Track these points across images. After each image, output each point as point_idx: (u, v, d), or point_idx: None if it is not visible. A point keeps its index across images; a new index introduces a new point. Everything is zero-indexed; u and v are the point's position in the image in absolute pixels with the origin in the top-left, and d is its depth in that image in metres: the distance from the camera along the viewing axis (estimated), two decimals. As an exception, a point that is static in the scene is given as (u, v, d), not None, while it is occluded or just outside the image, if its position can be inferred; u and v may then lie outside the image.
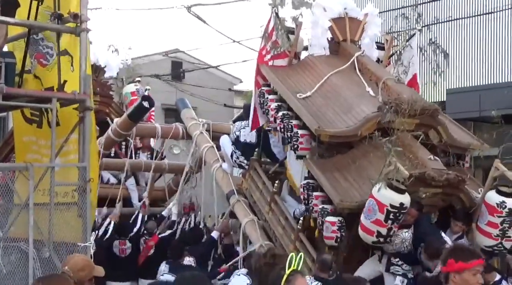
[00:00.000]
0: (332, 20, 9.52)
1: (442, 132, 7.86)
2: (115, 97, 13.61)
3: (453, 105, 13.90)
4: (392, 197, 6.78)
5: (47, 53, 7.62)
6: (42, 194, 7.08)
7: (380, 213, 6.83)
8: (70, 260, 5.15)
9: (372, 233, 6.97)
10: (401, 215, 6.90)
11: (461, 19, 14.57)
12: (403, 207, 6.84)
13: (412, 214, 7.15)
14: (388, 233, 6.97)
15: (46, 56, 7.62)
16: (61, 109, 7.34)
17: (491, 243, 7.32)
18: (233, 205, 9.64)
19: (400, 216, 6.90)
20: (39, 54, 7.67)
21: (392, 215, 6.83)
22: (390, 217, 6.84)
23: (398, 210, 6.82)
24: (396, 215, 6.86)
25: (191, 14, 17.41)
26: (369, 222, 6.94)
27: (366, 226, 7.00)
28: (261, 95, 9.20)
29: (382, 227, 6.90)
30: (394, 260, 7.31)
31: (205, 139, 10.82)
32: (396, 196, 6.79)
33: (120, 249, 10.36)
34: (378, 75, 8.71)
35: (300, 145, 8.14)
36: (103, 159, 11.36)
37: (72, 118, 7.37)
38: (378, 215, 6.85)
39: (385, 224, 6.89)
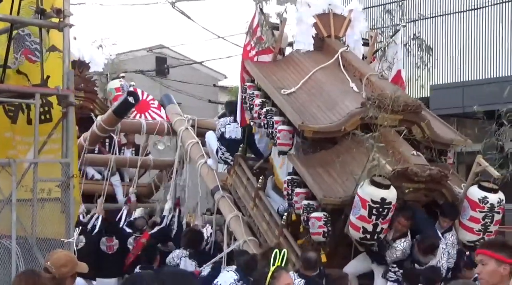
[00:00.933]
0: (316, 16, 9.53)
1: (425, 128, 7.90)
2: (99, 93, 13.58)
3: (436, 101, 13.99)
4: (372, 192, 6.80)
5: (35, 49, 7.58)
6: (25, 190, 7.05)
7: (363, 209, 6.85)
8: (53, 256, 5.12)
9: (358, 229, 7.00)
10: (386, 210, 6.91)
11: (444, 15, 14.65)
12: (385, 202, 6.84)
13: (402, 224, 7.19)
14: (374, 229, 6.98)
15: (35, 52, 7.58)
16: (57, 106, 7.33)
17: (473, 238, 7.36)
18: (218, 201, 9.64)
19: (385, 212, 6.91)
20: (27, 50, 7.63)
21: (375, 210, 6.85)
22: (373, 212, 6.85)
23: (380, 205, 6.83)
24: (379, 211, 6.87)
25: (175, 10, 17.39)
26: (355, 218, 6.97)
27: (353, 222, 7.03)
28: (244, 90, 9.21)
29: (366, 223, 6.92)
30: (392, 266, 7.34)
31: (190, 135, 10.82)
32: (377, 191, 6.80)
33: (108, 246, 10.35)
34: (362, 71, 8.73)
35: (277, 140, 8.16)
36: (88, 155, 11.35)
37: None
38: (361, 211, 6.88)
39: (369, 220, 6.91)
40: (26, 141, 7.52)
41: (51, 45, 7.40)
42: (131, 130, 12.34)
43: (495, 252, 3.99)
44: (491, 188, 7.22)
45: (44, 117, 7.66)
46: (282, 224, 8.26)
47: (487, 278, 4.00)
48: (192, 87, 23.15)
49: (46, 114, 7.59)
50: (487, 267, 3.99)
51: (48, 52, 7.36)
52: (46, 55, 7.39)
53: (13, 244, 6.73)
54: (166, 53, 25.33)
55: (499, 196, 7.24)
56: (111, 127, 11.02)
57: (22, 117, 7.70)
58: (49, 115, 7.40)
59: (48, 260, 5.07)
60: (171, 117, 11.53)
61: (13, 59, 7.61)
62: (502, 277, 3.97)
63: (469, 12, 14.29)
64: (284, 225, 8.23)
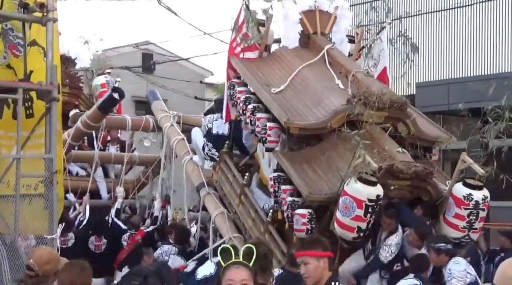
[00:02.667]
0: (302, 12, 9.52)
1: (410, 125, 7.90)
2: (84, 89, 13.49)
3: (422, 98, 14.02)
4: (367, 191, 6.82)
5: (18, 44, 7.51)
6: (7, 187, 6.98)
7: (359, 209, 6.85)
8: (35, 253, 5.06)
9: (353, 230, 6.99)
10: (378, 206, 6.95)
11: (430, 13, 14.68)
12: (379, 198, 6.89)
13: (387, 223, 7.23)
14: (367, 226, 7.02)
15: (18, 47, 7.52)
16: (37, 100, 7.26)
17: (458, 235, 7.38)
18: (204, 198, 9.61)
19: (377, 208, 6.96)
20: (11, 44, 7.56)
21: (371, 208, 6.88)
22: (369, 210, 6.88)
23: (375, 202, 6.88)
24: (374, 208, 6.91)
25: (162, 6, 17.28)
26: (349, 219, 6.94)
27: (345, 223, 7.00)
28: (230, 87, 9.18)
29: (362, 222, 6.94)
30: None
31: (176, 132, 10.78)
32: (371, 189, 6.83)
33: (96, 245, 10.31)
34: (348, 68, 8.73)
35: (268, 138, 8.13)
36: (72, 151, 11.27)
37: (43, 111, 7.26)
38: (357, 212, 6.86)
39: (365, 219, 6.93)
40: (11, 136, 7.43)
41: (32, 40, 7.33)
42: (116, 126, 12.27)
43: (312, 250, 4.42)
44: (476, 185, 7.25)
45: (28, 112, 7.60)
46: (267, 221, 8.24)
47: (313, 274, 4.41)
48: (178, 84, 23.08)
49: (30, 109, 7.52)
50: (310, 266, 4.40)
51: (29, 47, 7.29)
52: (28, 49, 7.32)
53: (-5, 241, 6.66)
54: (152, 49, 25.23)
55: (483, 193, 7.26)
56: (96, 123, 10.95)
57: (7, 112, 7.63)
58: (31, 110, 7.33)
59: (30, 258, 5.01)
60: (156, 113, 11.47)
61: (3, 53, 7.55)
62: (323, 269, 4.43)
63: (454, 10, 14.33)
64: (269, 222, 8.21)
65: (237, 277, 3.49)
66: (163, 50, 25.06)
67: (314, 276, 4.40)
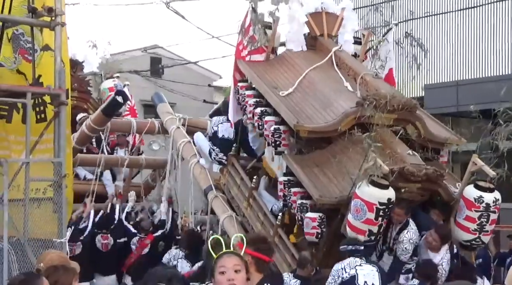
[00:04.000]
0: (309, 14, 9.49)
1: (420, 127, 7.87)
2: (93, 92, 13.51)
3: (431, 100, 13.97)
4: (379, 194, 6.79)
5: (29, 49, 7.54)
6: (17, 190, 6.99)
7: (370, 213, 6.82)
8: (45, 257, 5.05)
9: (364, 233, 6.96)
10: (389, 210, 6.93)
11: (439, 14, 14.64)
12: (390, 202, 6.87)
13: (398, 214, 7.16)
14: (378, 230, 6.99)
15: (30, 51, 7.53)
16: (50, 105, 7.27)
17: (469, 238, 7.34)
18: (211, 201, 9.58)
19: (388, 211, 6.93)
20: (23, 49, 7.58)
21: (382, 212, 6.85)
22: (380, 214, 6.85)
23: (386, 206, 6.85)
24: (385, 211, 6.89)
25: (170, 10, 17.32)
26: (360, 223, 6.92)
27: (357, 226, 6.97)
28: (237, 91, 9.16)
29: (373, 225, 6.91)
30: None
31: (182, 134, 10.74)
32: (382, 193, 6.80)
33: (103, 243, 10.31)
34: (356, 70, 8.70)
35: (282, 142, 8.10)
36: (79, 154, 11.27)
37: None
38: (368, 215, 6.83)
39: (376, 222, 6.90)
40: (20, 141, 7.45)
41: (45, 45, 7.35)
42: (121, 130, 12.26)
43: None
44: (487, 187, 7.20)
45: (39, 116, 7.61)
46: (276, 224, 8.21)
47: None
48: (187, 87, 23.09)
49: (42, 114, 7.54)
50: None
51: (42, 51, 7.31)
52: (40, 54, 7.34)
53: (4, 244, 6.67)
54: (160, 53, 25.26)
55: (494, 196, 7.21)
56: (101, 127, 10.91)
57: (17, 117, 7.65)
58: (44, 114, 7.34)
59: (41, 261, 5.01)
60: (161, 116, 11.44)
61: (13, 58, 7.57)
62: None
63: (463, 11, 14.29)
64: (279, 225, 8.18)
65: (229, 264, 3.62)
66: (172, 54, 25.10)
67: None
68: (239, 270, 3.62)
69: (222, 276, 3.61)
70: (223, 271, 3.61)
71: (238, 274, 3.61)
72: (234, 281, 3.59)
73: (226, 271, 3.61)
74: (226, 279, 3.59)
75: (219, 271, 3.62)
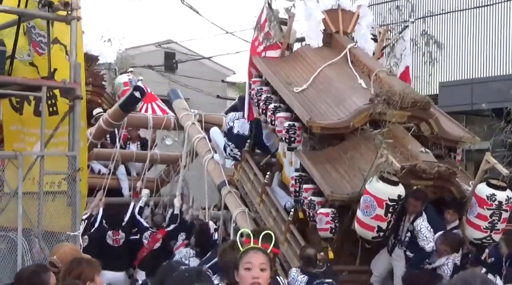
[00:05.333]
0: (325, 11, 9.49)
1: (433, 125, 7.86)
2: (107, 87, 13.57)
3: (445, 98, 13.92)
4: (389, 190, 6.79)
5: (40, 42, 7.57)
6: (32, 183, 7.04)
7: (379, 209, 6.83)
8: (59, 250, 5.11)
9: (373, 229, 6.97)
10: (398, 206, 6.92)
11: (454, 12, 14.57)
12: (400, 198, 6.87)
13: (413, 204, 7.10)
14: (387, 226, 6.99)
15: (41, 45, 7.57)
16: (61, 98, 7.31)
17: (480, 236, 7.33)
18: (225, 196, 9.62)
19: (397, 208, 6.92)
20: (34, 42, 7.62)
21: (391, 208, 6.86)
22: (390, 210, 6.86)
23: (396, 202, 6.85)
24: (394, 208, 6.89)
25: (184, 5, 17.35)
26: (369, 219, 6.93)
27: (366, 222, 6.98)
28: (251, 86, 9.18)
29: (382, 221, 6.92)
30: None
31: (197, 130, 10.78)
32: (392, 189, 6.80)
33: (114, 239, 10.37)
34: (371, 67, 8.69)
35: (297, 138, 8.10)
36: (95, 149, 11.35)
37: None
38: (377, 211, 6.84)
39: (385, 218, 6.91)
40: (33, 133, 7.50)
41: (54, 38, 7.38)
42: (138, 125, 12.32)
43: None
44: (499, 185, 7.19)
45: (52, 109, 7.66)
46: (289, 220, 8.23)
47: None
48: (201, 83, 23.10)
49: (53, 107, 7.59)
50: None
51: (51, 45, 7.34)
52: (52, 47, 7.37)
53: (19, 237, 6.72)
54: (174, 48, 25.28)
55: (507, 194, 7.20)
56: (118, 122, 10.99)
57: (28, 109, 7.70)
58: (56, 107, 7.39)
59: (54, 254, 5.06)
60: (177, 112, 11.50)
61: (27, 51, 7.62)
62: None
63: (478, 9, 14.22)
64: (291, 221, 8.20)
65: (256, 261, 3.54)
66: (186, 49, 25.10)
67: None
68: (265, 269, 3.54)
69: (247, 273, 3.52)
70: (249, 267, 3.53)
71: (263, 272, 3.53)
72: (258, 280, 3.51)
73: (252, 268, 3.52)
74: (251, 277, 3.51)
75: (245, 267, 3.53)
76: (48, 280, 4.22)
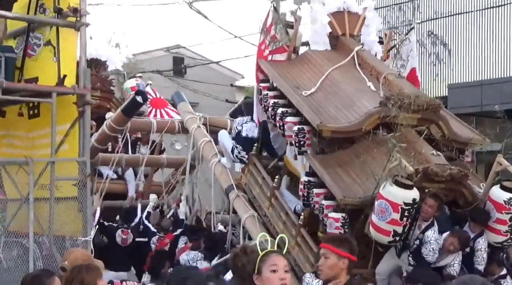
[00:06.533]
0: (331, 14, 9.47)
1: (444, 127, 7.83)
2: (116, 92, 13.59)
3: (455, 100, 13.87)
4: (403, 194, 6.74)
5: (35, 44, 7.59)
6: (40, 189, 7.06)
7: (395, 213, 6.77)
8: (70, 255, 5.12)
9: (389, 233, 6.92)
10: (414, 210, 6.89)
11: (463, 13, 14.53)
12: (415, 202, 6.83)
13: (430, 204, 7.04)
14: (403, 230, 6.96)
15: (34, 47, 7.59)
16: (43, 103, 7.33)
17: (501, 240, 7.32)
18: (233, 200, 9.59)
19: (413, 211, 6.90)
20: (28, 45, 7.63)
21: (407, 212, 6.81)
22: (405, 214, 6.81)
23: (411, 206, 6.81)
24: (410, 212, 6.85)
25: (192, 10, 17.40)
26: (384, 223, 6.88)
27: (381, 227, 6.93)
28: (259, 91, 9.17)
29: (398, 225, 6.87)
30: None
31: (203, 133, 10.76)
32: (407, 193, 6.76)
33: (123, 238, 10.39)
34: (379, 70, 8.66)
35: (306, 141, 8.09)
36: (100, 154, 11.34)
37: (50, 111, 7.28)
38: (393, 215, 6.79)
39: (401, 222, 6.86)
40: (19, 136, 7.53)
41: (48, 40, 7.41)
42: (141, 129, 12.33)
43: (336, 247, 4.35)
44: (513, 187, 7.14)
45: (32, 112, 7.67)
46: (299, 223, 8.21)
47: (327, 271, 4.35)
48: (209, 87, 23.15)
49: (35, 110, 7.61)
50: (328, 261, 4.34)
51: (44, 46, 7.39)
52: (42, 49, 7.42)
53: (30, 242, 6.75)
54: (183, 53, 25.34)
55: (523, 195, 7.15)
56: (121, 127, 10.97)
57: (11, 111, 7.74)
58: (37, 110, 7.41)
59: (65, 259, 5.07)
60: (182, 115, 11.47)
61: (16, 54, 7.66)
62: (341, 270, 4.34)
63: (487, 10, 14.17)
64: (301, 225, 8.18)
65: (281, 263, 3.69)
66: (194, 54, 25.17)
67: (328, 272, 4.39)
68: (288, 271, 3.69)
69: (274, 274, 3.65)
70: (275, 269, 3.67)
71: (287, 274, 3.68)
72: (285, 281, 3.66)
73: (278, 270, 3.66)
74: (278, 278, 3.65)
75: (271, 269, 3.67)
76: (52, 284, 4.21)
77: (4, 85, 6.82)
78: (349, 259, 4.37)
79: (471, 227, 7.43)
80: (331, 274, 4.37)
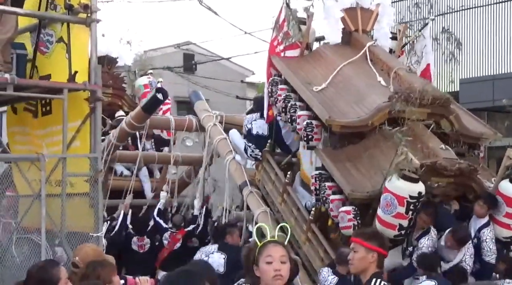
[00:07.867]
0: (344, 10, 9.47)
1: (454, 122, 7.81)
2: (127, 89, 13.63)
3: (466, 95, 13.84)
4: (409, 188, 6.75)
5: (47, 41, 7.63)
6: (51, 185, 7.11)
7: (400, 207, 6.78)
8: (81, 251, 5.16)
9: (394, 227, 6.92)
10: (419, 203, 6.89)
11: (474, 8, 14.47)
12: (421, 195, 6.83)
13: (423, 219, 7.12)
14: (409, 224, 6.96)
15: (46, 44, 7.63)
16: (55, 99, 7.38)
17: (509, 234, 7.32)
18: (246, 197, 9.63)
19: (418, 205, 6.89)
20: (41, 42, 7.68)
21: (412, 205, 6.81)
22: (411, 208, 6.81)
23: (417, 199, 6.81)
24: (415, 205, 6.85)
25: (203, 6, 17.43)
26: (390, 217, 6.88)
27: (387, 221, 6.93)
28: (271, 84, 9.18)
29: (403, 219, 6.87)
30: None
31: (218, 131, 10.81)
32: (412, 186, 6.76)
33: (139, 245, 10.41)
34: (390, 65, 8.66)
35: (314, 136, 8.11)
36: (117, 151, 11.41)
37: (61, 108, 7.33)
38: (398, 209, 6.80)
39: (406, 216, 6.86)
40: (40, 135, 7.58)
41: (60, 37, 7.45)
42: (160, 127, 12.38)
43: (365, 240, 4.33)
44: (523, 182, 7.12)
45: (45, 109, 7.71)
46: (310, 219, 8.23)
47: (357, 264, 4.32)
48: (220, 83, 23.17)
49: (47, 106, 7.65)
50: (357, 254, 4.32)
51: (56, 43, 7.43)
52: (55, 45, 7.46)
53: (42, 239, 6.80)
54: (193, 49, 25.38)
55: (533, 190, 7.13)
56: (140, 124, 11.02)
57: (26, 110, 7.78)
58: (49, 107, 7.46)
59: (76, 255, 5.12)
60: (199, 113, 11.53)
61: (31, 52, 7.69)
62: (370, 263, 4.29)
63: (499, 5, 14.11)
64: (312, 220, 8.20)
65: (276, 253, 3.60)
66: (204, 50, 25.19)
67: (357, 265, 4.35)
68: (285, 261, 3.59)
69: (269, 266, 3.57)
70: (270, 261, 3.58)
71: (284, 265, 3.58)
72: (280, 272, 3.55)
73: (273, 261, 3.57)
74: (272, 269, 3.56)
75: (266, 260, 3.59)
76: (57, 274, 4.23)
77: (16, 81, 6.86)
78: (378, 253, 4.31)
79: (476, 211, 7.33)
80: (360, 267, 4.33)
